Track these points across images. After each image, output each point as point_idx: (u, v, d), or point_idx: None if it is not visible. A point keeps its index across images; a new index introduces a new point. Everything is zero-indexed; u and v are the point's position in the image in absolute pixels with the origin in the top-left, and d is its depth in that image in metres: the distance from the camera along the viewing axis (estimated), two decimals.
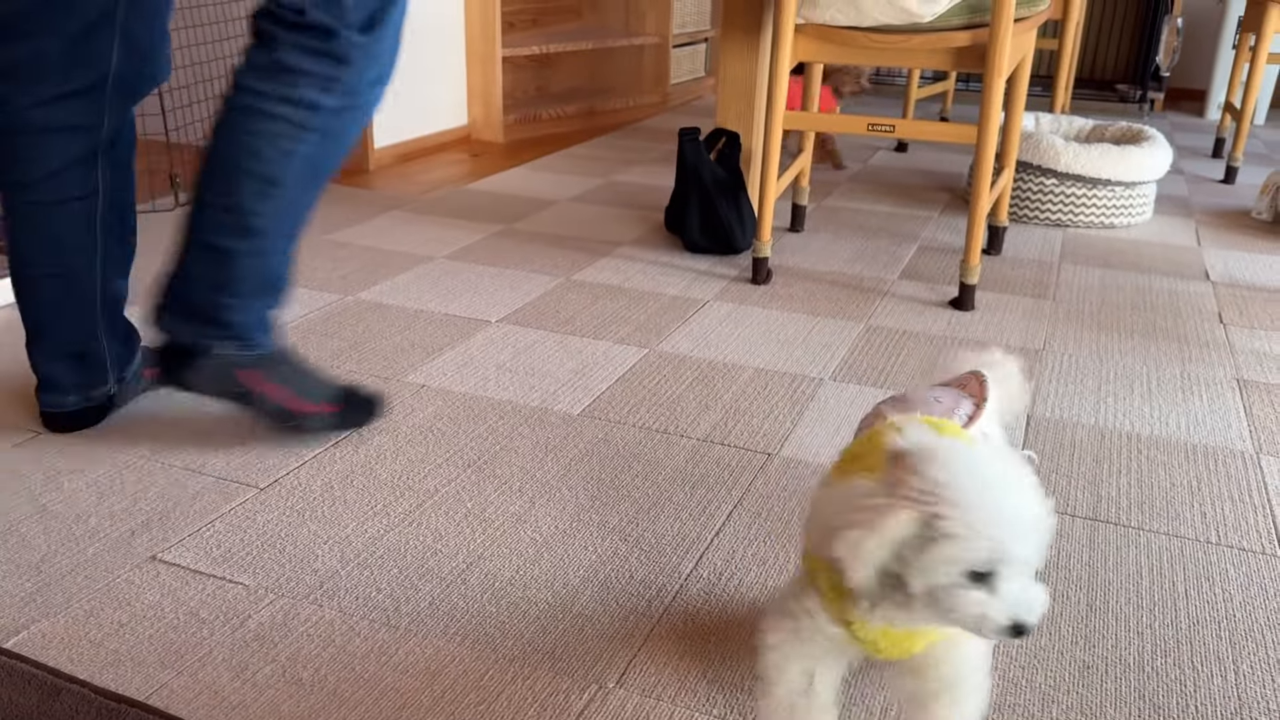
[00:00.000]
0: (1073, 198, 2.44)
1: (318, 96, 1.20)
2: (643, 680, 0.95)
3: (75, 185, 1.27)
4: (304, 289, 1.92)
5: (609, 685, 0.94)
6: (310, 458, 1.32)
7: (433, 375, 1.57)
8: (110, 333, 1.36)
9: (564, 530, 1.18)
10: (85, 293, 1.31)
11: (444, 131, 3.19)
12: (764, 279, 2.05)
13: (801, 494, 1.27)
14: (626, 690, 0.94)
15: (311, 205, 1.28)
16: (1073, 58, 3.55)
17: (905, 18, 1.80)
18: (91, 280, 1.32)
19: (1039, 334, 1.81)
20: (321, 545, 1.14)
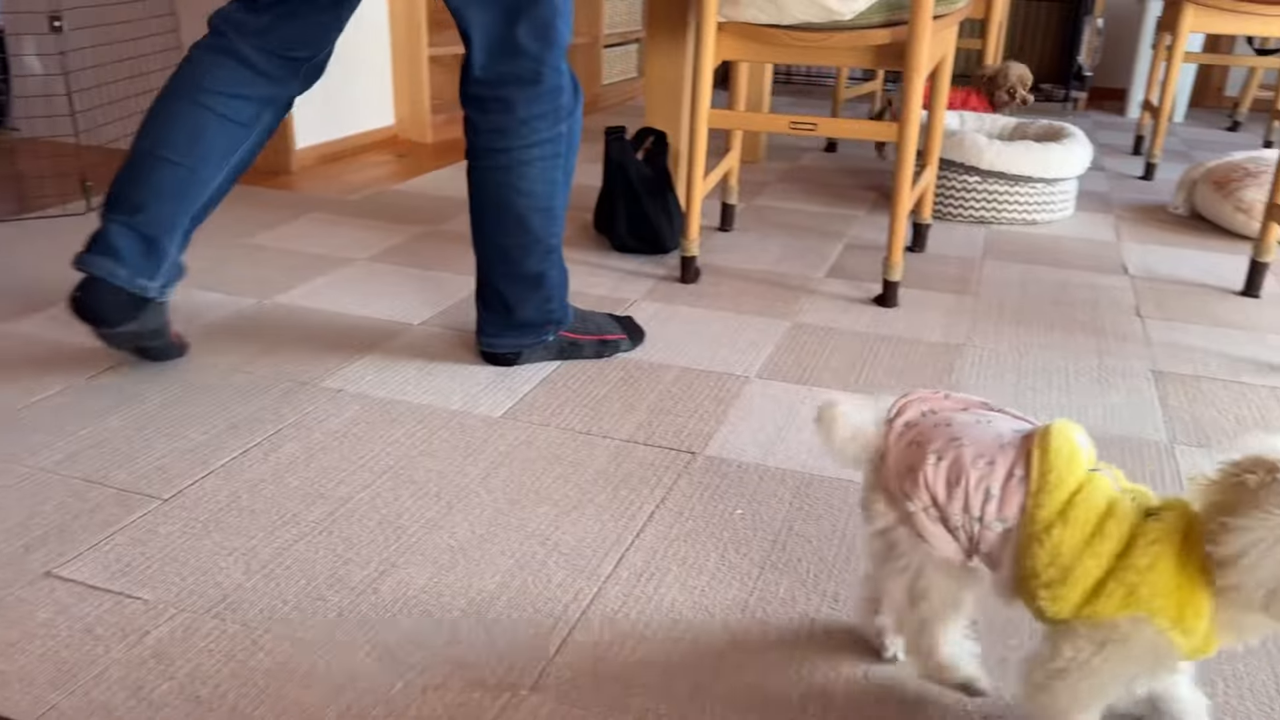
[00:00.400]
0: (995, 195, 2.47)
1: (555, 129, 1.46)
2: (558, 686, 0.93)
3: (245, 116, 1.47)
4: (218, 293, 1.86)
5: (522, 692, 0.92)
6: (218, 466, 1.28)
7: (350, 379, 1.53)
8: (178, 247, 1.50)
9: (480, 535, 1.16)
10: (191, 198, 1.47)
11: (369, 132, 3.13)
12: (692, 278, 2.04)
13: (725, 492, 1.27)
14: (540, 696, 0.92)
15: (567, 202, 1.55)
16: (997, 57, 3.61)
17: (825, 15, 1.80)
18: (202, 192, 1.48)
19: (960, 329, 1.83)
20: (226, 557, 1.10)
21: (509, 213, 1.48)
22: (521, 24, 1.38)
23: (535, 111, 1.43)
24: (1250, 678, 0.98)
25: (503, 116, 1.43)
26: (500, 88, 1.42)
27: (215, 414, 1.41)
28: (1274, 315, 1.97)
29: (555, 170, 1.48)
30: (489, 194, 1.48)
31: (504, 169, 1.46)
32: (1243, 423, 1.51)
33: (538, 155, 1.46)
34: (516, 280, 1.53)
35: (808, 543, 1.17)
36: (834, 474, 1.32)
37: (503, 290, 1.54)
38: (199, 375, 1.53)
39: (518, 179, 1.46)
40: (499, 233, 1.50)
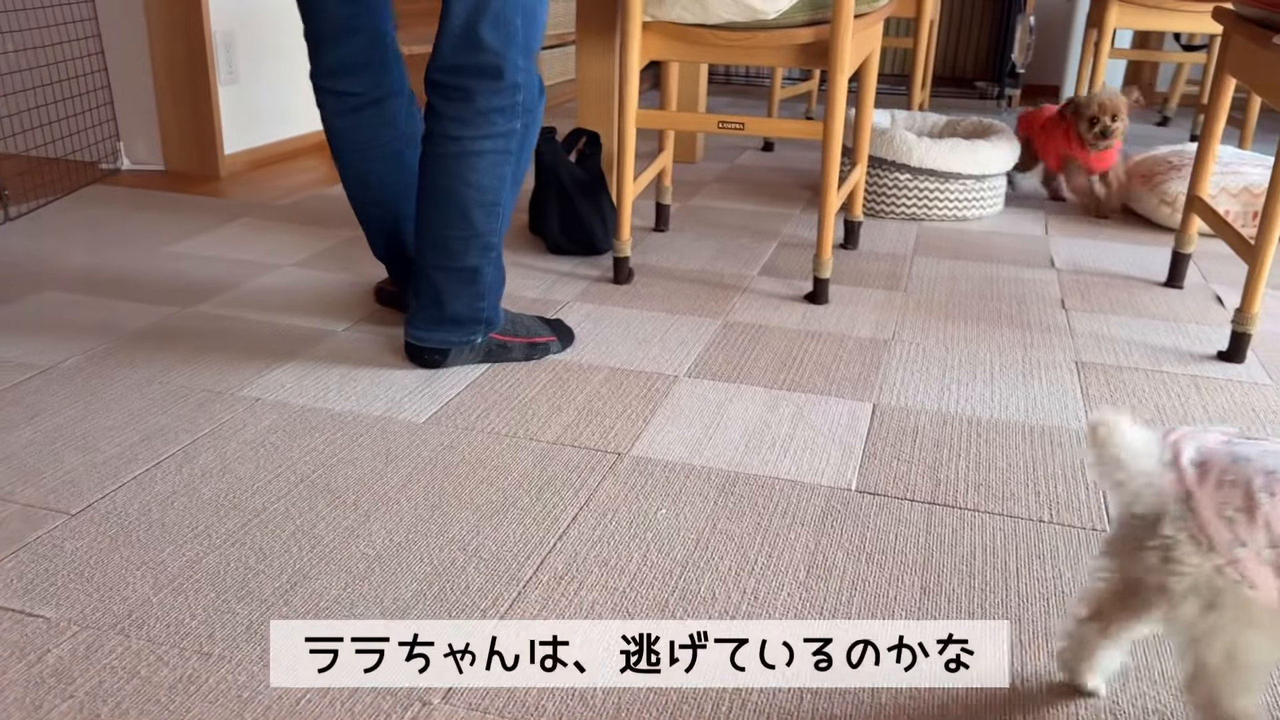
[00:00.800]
0: (926, 192, 2.50)
1: (511, 124, 1.47)
2: (469, 694, 0.92)
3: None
4: (139, 302, 1.82)
5: (434, 701, 0.91)
6: (130, 479, 1.25)
7: (269, 388, 1.51)
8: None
9: (399, 543, 1.14)
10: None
11: (300, 136, 3.09)
12: (625, 279, 2.03)
13: (650, 492, 1.26)
14: (452, 706, 0.91)
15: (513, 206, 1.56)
16: (929, 56, 3.64)
17: (750, 15, 1.81)
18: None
19: (889, 325, 1.84)
20: (134, 572, 1.07)
21: (453, 203, 1.48)
22: (485, 18, 1.40)
23: (494, 104, 1.45)
24: (1161, 663, 0.99)
25: (462, 105, 1.44)
26: (461, 77, 1.43)
27: (129, 426, 1.38)
28: (1195, 305, 2.00)
29: (504, 166, 1.49)
30: (437, 182, 1.48)
31: (455, 157, 1.46)
32: (1162, 411, 1.53)
33: (489, 148, 1.47)
34: (452, 273, 1.53)
35: (730, 540, 1.17)
36: (760, 471, 1.32)
37: (436, 282, 1.53)
38: (113, 387, 1.49)
39: (467, 170, 1.47)
40: (441, 223, 1.50)
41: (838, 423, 1.46)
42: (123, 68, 2.72)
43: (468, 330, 1.57)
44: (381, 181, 1.68)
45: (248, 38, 2.83)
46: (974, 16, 4.53)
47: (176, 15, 2.62)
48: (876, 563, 1.13)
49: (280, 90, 2.99)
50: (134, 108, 2.75)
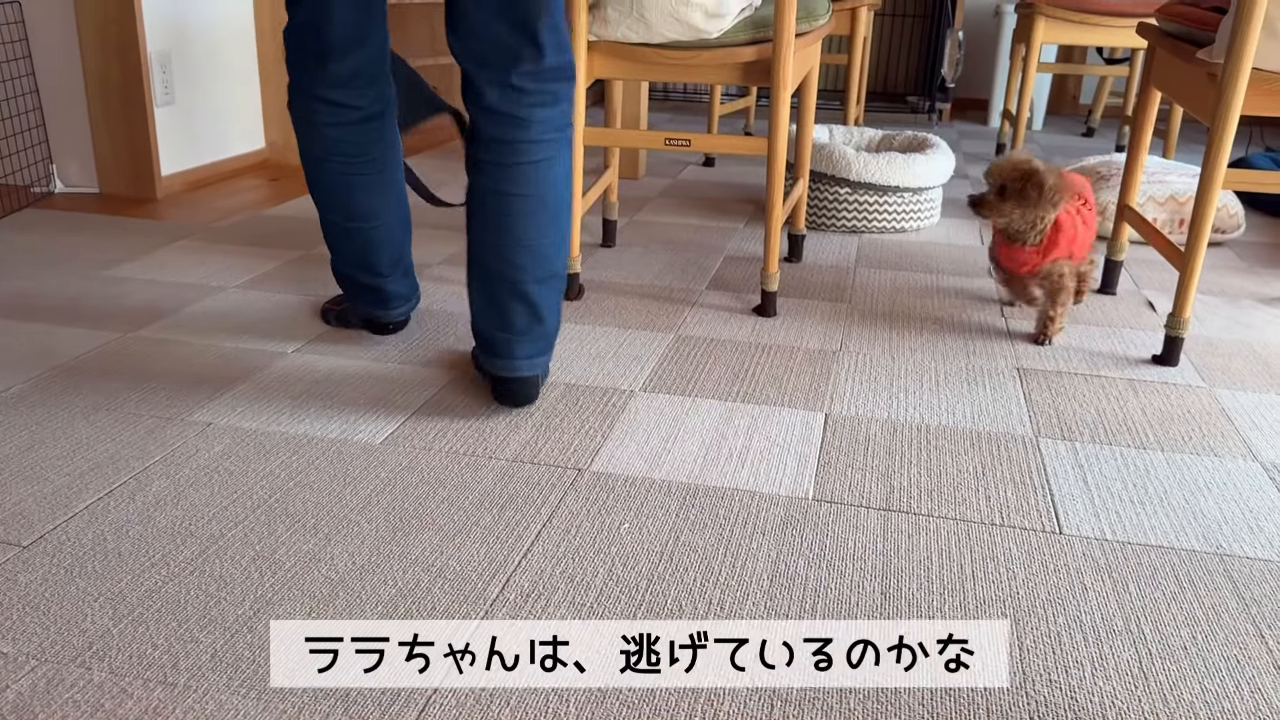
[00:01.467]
0: (865, 205, 2.55)
1: (571, 120, 1.49)
2: (440, 715, 0.92)
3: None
4: (77, 328, 1.78)
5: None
6: (82, 509, 1.22)
7: (220, 412, 1.49)
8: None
9: (361, 566, 1.13)
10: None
11: (239, 156, 3.05)
12: (576, 295, 2.04)
13: (612, 507, 1.27)
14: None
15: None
16: (863, 72, 3.72)
17: (693, 34, 1.83)
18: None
19: (836, 336, 1.88)
20: (92, 603, 1.05)
21: (548, 207, 1.44)
22: (547, 21, 1.40)
23: (570, 101, 1.47)
24: (1115, 658, 1.03)
25: (551, 109, 1.43)
26: (550, 81, 1.43)
27: (78, 455, 1.35)
28: (1129, 310, 2.07)
29: (570, 161, 1.50)
30: (532, 190, 1.43)
31: (547, 161, 1.44)
32: (1102, 414, 1.58)
33: (565, 143, 1.47)
34: (550, 282, 1.48)
35: (694, 552, 1.18)
36: (719, 484, 1.33)
37: (535, 297, 1.46)
38: (59, 416, 1.46)
39: (555, 170, 1.45)
40: (537, 231, 1.44)
41: (792, 433, 1.49)
42: (55, 88, 2.66)
43: (551, 347, 1.54)
44: (368, 196, 1.63)
45: (184, 58, 2.79)
46: (905, 33, 4.63)
47: (110, 35, 2.58)
48: (837, 569, 1.15)
49: (217, 111, 2.95)
50: (67, 129, 2.70)
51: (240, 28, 3.01)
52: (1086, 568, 1.18)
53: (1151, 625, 1.08)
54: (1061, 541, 1.23)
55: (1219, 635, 1.06)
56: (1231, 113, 1.62)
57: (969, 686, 0.98)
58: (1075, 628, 1.07)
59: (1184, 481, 1.38)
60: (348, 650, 0.99)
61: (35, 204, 2.61)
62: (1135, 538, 1.24)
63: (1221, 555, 1.21)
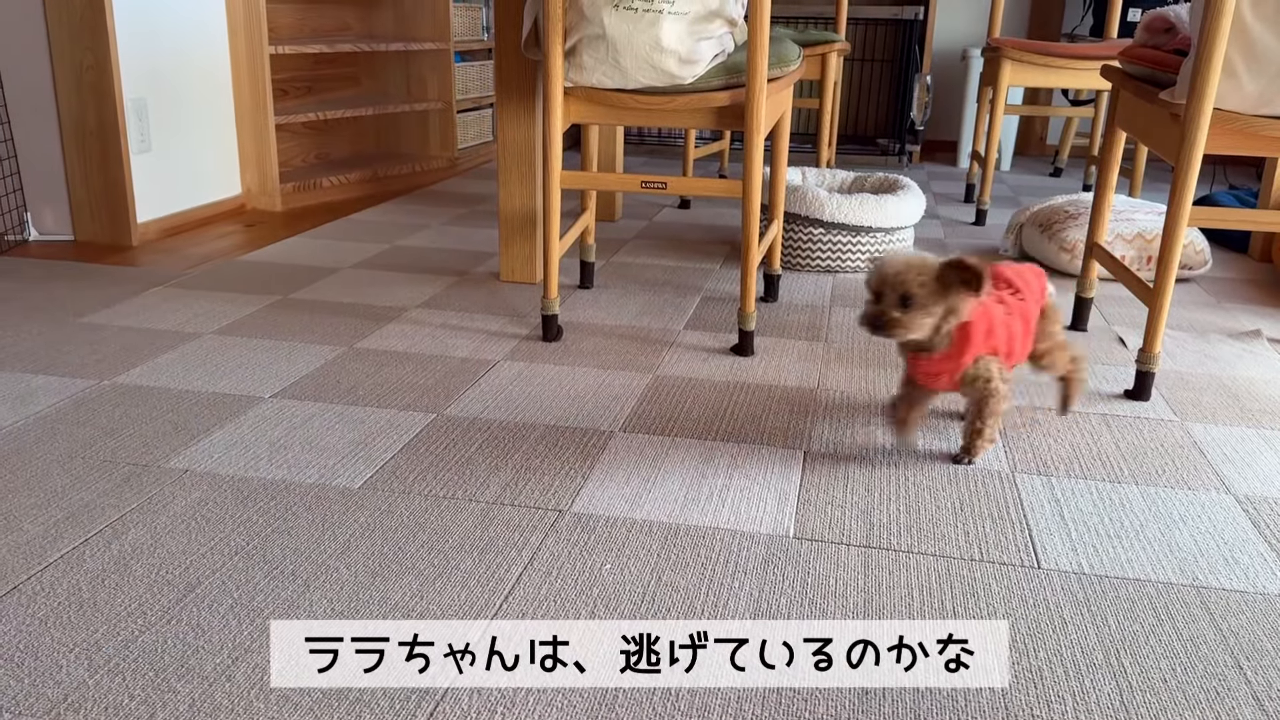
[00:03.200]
0: (839, 245, 2.58)
1: None
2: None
3: None
4: (51, 376, 1.77)
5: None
6: (56, 559, 1.21)
7: (197, 459, 1.48)
8: None
9: (340, 612, 1.12)
10: None
11: (216, 203, 3.05)
12: (554, 336, 2.05)
13: (593, 548, 1.27)
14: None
15: None
16: (834, 116, 3.78)
17: (667, 80, 1.86)
18: None
19: (813, 374, 1.89)
20: (67, 654, 1.04)
21: None
22: None
23: None
24: (1096, 691, 1.03)
25: None
26: None
27: (52, 504, 1.34)
28: (1099, 347, 2.10)
29: None
30: None
31: None
32: (1077, 449, 1.60)
33: None
34: None
35: (676, 592, 1.18)
36: (700, 523, 1.34)
37: None
38: (34, 464, 1.45)
39: None
40: None
41: (772, 471, 1.49)
42: (30, 136, 2.66)
43: None
44: None
45: (160, 104, 2.80)
46: (874, 78, 4.72)
47: (87, 82, 2.58)
48: (819, 607, 1.16)
49: (193, 156, 2.96)
50: (41, 177, 2.69)
51: (216, 74, 3.02)
52: (1065, 601, 1.18)
53: (1131, 658, 1.08)
54: (1040, 576, 1.24)
55: (1198, 667, 1.07)
56: (1195, 152, 1.66)
57: (966, 687, 0.98)
58: (1056, 661, 1.07)
59: (1159, 514, 1.40)
60: (348, 649, 0.98)
61: (9, 252, 2.60)
62: (1113, 571, 1.25)
63: (1198, 587, 1.22)
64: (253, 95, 3.09)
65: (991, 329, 1.47)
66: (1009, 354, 1.52)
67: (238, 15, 3.03)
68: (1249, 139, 1.69)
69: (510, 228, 2.41)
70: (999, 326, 1.49)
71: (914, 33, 4.41)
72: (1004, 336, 1.49)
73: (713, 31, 1.85)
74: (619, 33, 1.82)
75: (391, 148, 3.97)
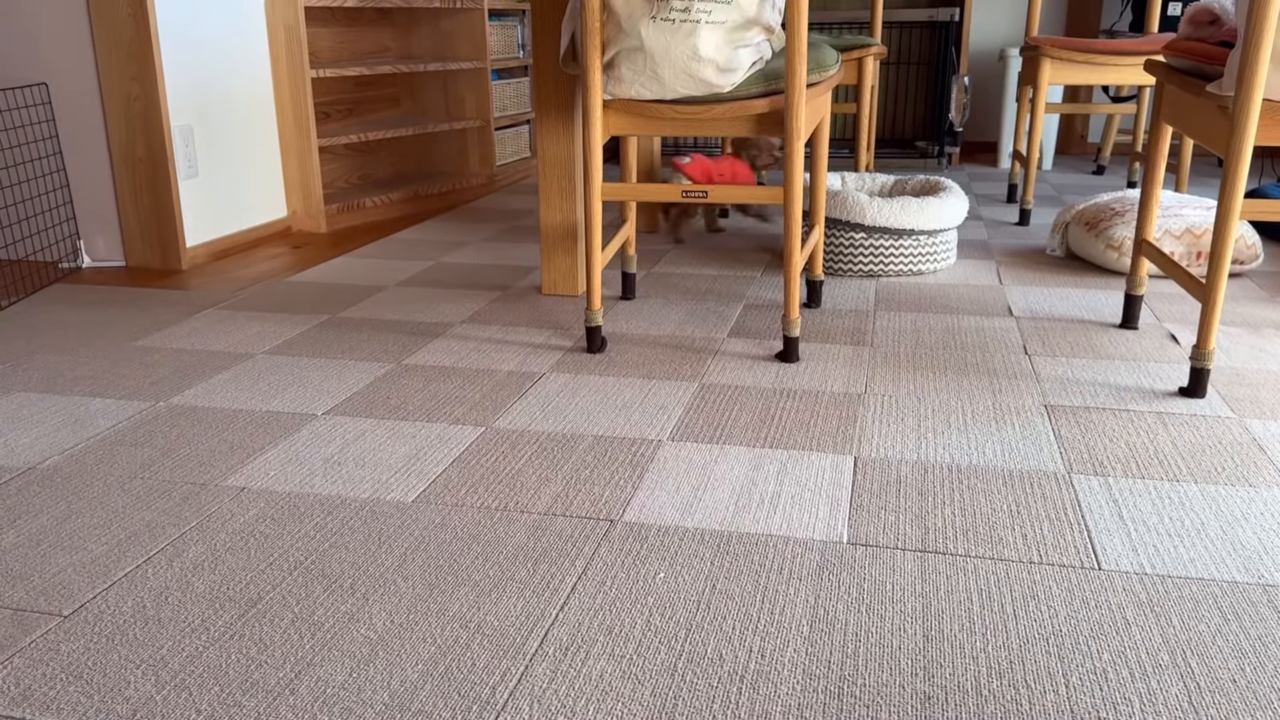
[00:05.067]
0: (881, 249, 2.57)
1: None
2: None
3: None
4: (108, 399, 1.81)
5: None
6: (121, 577, 1.23)
7: (253, 477, 1.50)
8: None
9: (400, 624, 1.13)
10: None
11: (262, 225, 3.10)
12: (599, 347, 2.06)
13: (646, 557, 1.27)
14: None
15: None
16: (872, 120, 3.76)
17: (706, 89, 1.87)
18: None
19: (860, 379, 1.88)
20: (134, 670, 1.05)
21: None
22: None
23: None
24: (1163, 693, 1.01)
25: None
26: None
27: (114, 524, 1.36)
28: (1152, 344, 2.07)
29: None
30: None
31: None
32: (1133, 448, 1.57)
33: None
34: None
35: (731, 600, 1.18)
36: (752, 530, 1.33)
37: None
38: (94, 486, 1.48)
39: None
40: None
41: (822, 477, 1.48)
42: (81, 165, 2.73)
43: None
44: None
45: (206, 130, 2.86)
46: (911, 81, 4.69)
47: (135, 112, 2.64)
48: (877, 613, 1.15)
49: (239, 180, 3.01)
50: (93, 205, 2.76)
51: (260, 99, 3.08)
52: (1128, 602, 1.16)
53: (1198, 658, 1.06)
54: (1101, 577, 1.22)
55: (1268, 666, 1.05)
56: (1245, 144, 1.64)
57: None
58: (1121, 663, 1.05)
59: (1220, 513, 1.37)
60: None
61: (63, 279, 2.66)
62: (1175, 571, 1.23)
63: (1265, 586, 1.20)
64: (296, 119, 3.14)
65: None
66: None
67: (279, 41, 3.09)
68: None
69: (551, 241, 2.42)
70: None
71: (950, 34, 4.38)
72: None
73: (750, 39, 1.86)
74: (657, 44, 1.83)
75: (431, 166, 4.01)
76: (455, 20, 3.82)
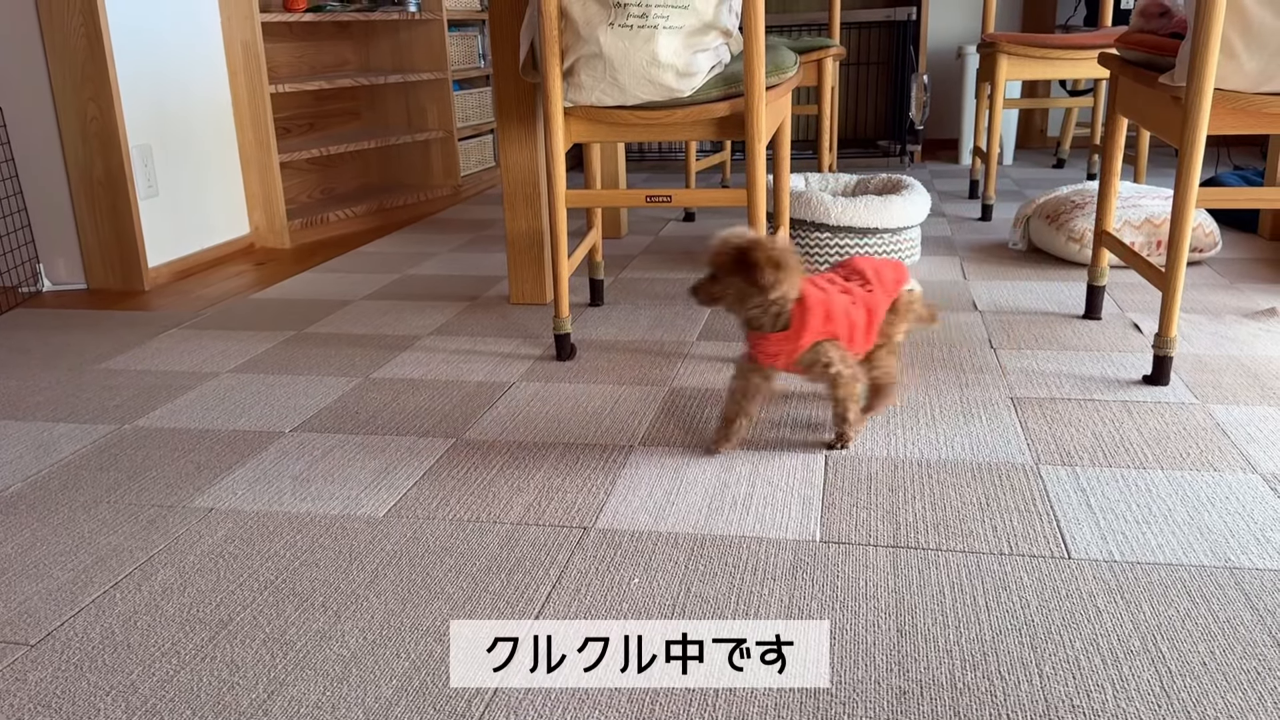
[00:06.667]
0: (846, 248, 2.58)
1: None
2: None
3: None
4: (72, 423, 1.78)
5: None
6: (88, 603, 1.21)
7: (221, 497, 1.48)
8: None
9: (373, 640, 1.13)
10: None
11: (225, 243, 3.07)
12: (568, 355, 2.05)
13: (620, 563, 1.26)
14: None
15: None
16: (833, 120, 3.79)
17: (666, 94, 1.87)
18: None
19: None
20: (104, 698, 1.04)
21: None
22: None
23: None
24: (1135, 678, 1.02)
25: None
26: None
27: (80, 549, 1.34)
28: (1115, 334, 2.09)
29: None
30: None
31: None
32: (1099, 437, 1.59)
33: None
34: None
35: (705, 602, 1.18)
36: (725, 532, 1.33)
37: None
38: (59, 512, 1.46)
39: None
40: None
41: (793, 477, 1.49)
42: (39, 188, 2.69)
43: None
44: None
45: (166, 149, 2.83)
46: (871, 80, 4.73)
47: (92, 132, 2.61)
48: (851, 610, 1.15)
49: (201, 198, 2.98)
50: (52, 227, 2.72)
51: (219, 116, 3.05)
52: (1098, 590, 1.18)
53: (1169, 643, 1.07)
54: (1071, 566, 1.23)
55: (1236, 649, 1.06)
56: (1199, 134, 1.66)
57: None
58: (1093, 650, 1.06)
59: (1186, 498, 1.39)
60: None
61: (24, 304, 2.62)
62: (1144, 557, 1.24)
63: (1231, 569, 1.21)
64: (256, 135, 3.11)
65: (830, 314, 1.49)
66: (850, 341, 1.53)
67: (237, 57, 3.06)
68: (1251, 117, 1.69)
69: (518, 250, 2.42)
70: (839, 312, 1.50)
71: (908, 33, 4.42)
72: (844, 323, 1.51)
73: (708, 43, 1.86)
74: (615, 50, 1.83)
75: (395, 179, 3.99)
76: (414, 31, 3.81)
